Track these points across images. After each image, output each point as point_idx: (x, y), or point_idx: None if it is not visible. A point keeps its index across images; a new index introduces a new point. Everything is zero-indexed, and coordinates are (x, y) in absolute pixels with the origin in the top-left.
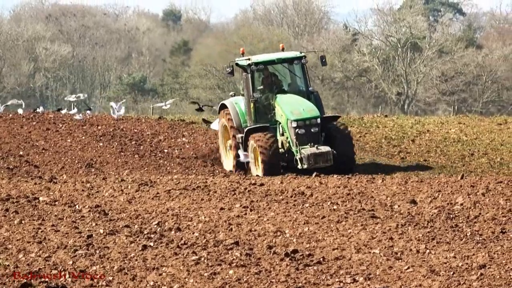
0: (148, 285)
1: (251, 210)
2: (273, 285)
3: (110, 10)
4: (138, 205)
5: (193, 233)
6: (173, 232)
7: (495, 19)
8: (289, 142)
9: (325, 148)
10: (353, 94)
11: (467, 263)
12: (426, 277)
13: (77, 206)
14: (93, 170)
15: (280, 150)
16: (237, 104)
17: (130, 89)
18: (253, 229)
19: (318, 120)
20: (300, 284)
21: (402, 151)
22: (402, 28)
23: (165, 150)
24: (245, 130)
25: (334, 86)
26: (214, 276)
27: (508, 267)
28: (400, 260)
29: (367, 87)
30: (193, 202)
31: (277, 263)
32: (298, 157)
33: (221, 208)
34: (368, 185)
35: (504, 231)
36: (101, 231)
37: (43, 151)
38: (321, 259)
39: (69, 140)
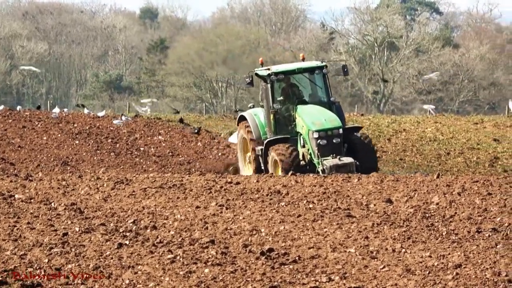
0: (123, 283)
1: (227, 209)
2: (249, 284)
3: (87, 7)
4: (114, 203)
5: (169, 231)
6: (148, 230)
7: (472, 18)
8: (310, 154)
9: (348, 159)
10: None
11: (442, 263)
12: (401, 276)
13: (52, 204)
14: (68, 168)
15: (301, 162)
16: (257, 115)
17: (106, 87)
18: (228, 228)
19: (340, 131)
20: (275, 283)
21: (378, 150)
22: (379, 27)
23: (141, 148)
24: (265, 142)
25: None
26: (189, 275)
27: (484, 267)
28: (375, 259)
29: (344, 86)
30: (169, 201)
31: (253, 261)
32: (320, 168)
33: (197, 207)
34: (344, 184)
35: (479, 230)
36: (77, 229)
37: (19, 148)
38: (297, 258)
39: (45, 138)
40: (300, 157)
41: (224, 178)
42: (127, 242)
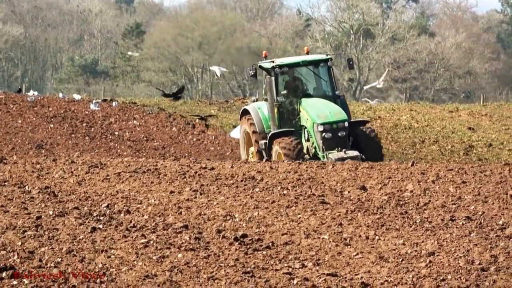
0: (96, 267)
1: (201, 194)
2: (222, 269)
3: None
4: (88, 187)
5: (143, 216)
6: (122, 214)
7: (448, 7)
8: (315, 148)
9: (353, 153)
10: None
11: (416, 250)
12: (374, 264)
13: (26, 187)
14: (43, 152)
15: (305, 156)
16: (260, 109)
17: (82, 71)
18: (202, 213)
19: (346, 124)
20: (248, 269)
21: None
22: (355, 14)
23: (116, 133)
24: (269, 135)
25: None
26: (162, 260)
27: (457, 255)
28: (349, 246)
29: None
30: (143, 185)
31: (226, 247)
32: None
33: (171, 192)
34: (318, 171)
35: (453, 218)
36: (51, 212)
37: None
38: (270, 244)
39: (19, 121)
40: (305, 151)
41: (198, 164)
42: (100, 226)
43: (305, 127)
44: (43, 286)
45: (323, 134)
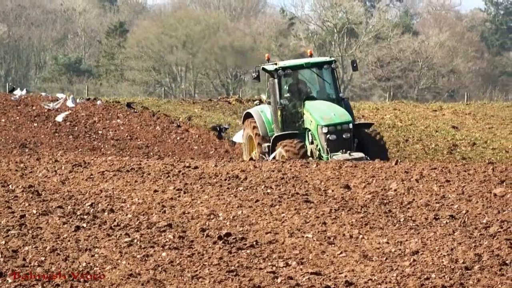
0: (80, 266)
1: (184, 193)
2: (206, 268)
3: None
4: (72, 186)
5: (126, 214)
6: (106, 213)
7: (431, 6)
8: (319, 150)
9: (358, 154)
10: None
11: (400, 249)
12: (358, 262)
13: (10, 186)
14: (27, 150)
15: (309, 159)
16: (263, 112)
17: (65, 70)
18: (186, 212)
19: (350, 126)
20: (232, 268)
21: None
22: (339, 13)
23: (100, 132)
24: (273, 137)
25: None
26: (146, 258)
27: (441, 254)
28: (333, 245)
29: None
30: (126, 184)
31: (210, 246)
32: None
33: (155, 190)
34: (302, 170)
35: (437, 217)
36: (34, 211)
37: None
38: (254, 242)
39: (3, 120)
40: (308, 153)
41: (182, 162)
42: (84, 225)
43: (309, 130)
44: (27, 285)
45: (328, 136)
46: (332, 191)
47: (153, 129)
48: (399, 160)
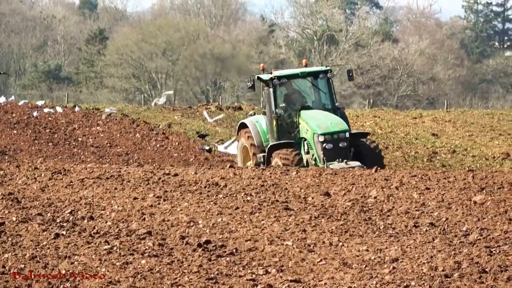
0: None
1: (164, 200)
2: (185, 275)
3: None
4: (51, 193)
5: (106, 222)
6: (86, 221)
7: (412, 13)
8: (315, 159)
9: (354, 163)
10: None
11: (379, 256)
12: (338, 270)
13: None
14: (6, 158)
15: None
16: (258, 122)
17: (45, 77)
18: (166, 219)
19: (347, 134)
20: (212, 275)
21: None
22: (319, 20)
23: (79, 139)
24: (268, 147)
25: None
26: (126, 266)
27: (421, 261)
28: (312, 253)
29: None
30: (106, 191)
31: (190, 253)
32: None
33: (135, 198)
34: (282, 177)
35: (417, 224)
36: (14, 218)
37: None
38: (234, 250)
39: None
40: (304, 163)
41: (162, 170)
42: (64, 232)
43: (305, 139)
44: None
45: (324, 144)
46: (312, 198)
47: (133, 137)
48: (379, 168)
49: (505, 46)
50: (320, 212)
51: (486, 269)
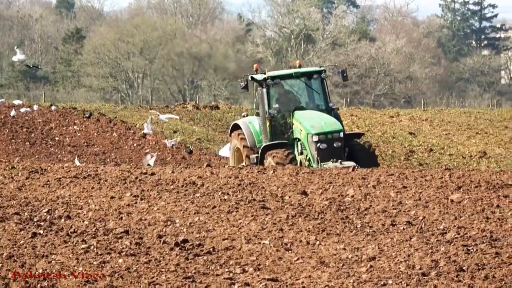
0: (37, 272)
1: (141, 199)
2: (163, 274)
3: None
4: (28, 193)
5: (83, 221)
6: (63, 220)
7: (388, 12)
8: (309, 160)
9: (349, 163)
10: None
11: (356, 255)
12: (315, 269)
13: None
14: None
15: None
16: (251, 123)
17: (22, 76)
18: (143, 218)
19: (341, 134)
20: (189, 274)
21: None
22: (296, 19)
23: (56, 138)
24: (262, 147)
25: (227, 76)
26: (103, 265)
27: (398, 260)
28: (290, 251)
29: None
30: (83, 191)
31: (167, 252)
32: None
33: (112, 197)
34: (259, 176)
35: (394, 223)
36: None
37: None
38: (211, 249)
39: None
40: (298, 164)
41: (139, 169)
42: (41, 231)
43: (299, 140)
44: None
45: (318, 144)
46: (289, 197)
47: (110, 136)
48: (356, 166)
49: (482, 45)
50: (297, 211)
51: (464, 268)
